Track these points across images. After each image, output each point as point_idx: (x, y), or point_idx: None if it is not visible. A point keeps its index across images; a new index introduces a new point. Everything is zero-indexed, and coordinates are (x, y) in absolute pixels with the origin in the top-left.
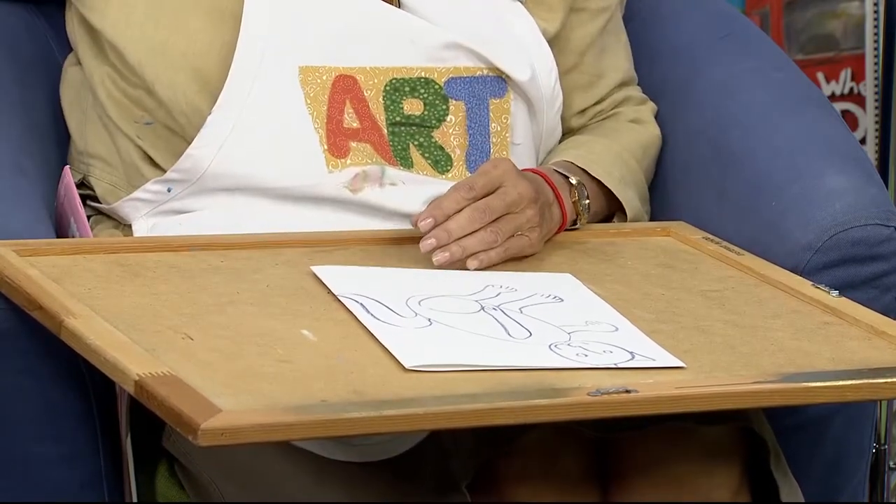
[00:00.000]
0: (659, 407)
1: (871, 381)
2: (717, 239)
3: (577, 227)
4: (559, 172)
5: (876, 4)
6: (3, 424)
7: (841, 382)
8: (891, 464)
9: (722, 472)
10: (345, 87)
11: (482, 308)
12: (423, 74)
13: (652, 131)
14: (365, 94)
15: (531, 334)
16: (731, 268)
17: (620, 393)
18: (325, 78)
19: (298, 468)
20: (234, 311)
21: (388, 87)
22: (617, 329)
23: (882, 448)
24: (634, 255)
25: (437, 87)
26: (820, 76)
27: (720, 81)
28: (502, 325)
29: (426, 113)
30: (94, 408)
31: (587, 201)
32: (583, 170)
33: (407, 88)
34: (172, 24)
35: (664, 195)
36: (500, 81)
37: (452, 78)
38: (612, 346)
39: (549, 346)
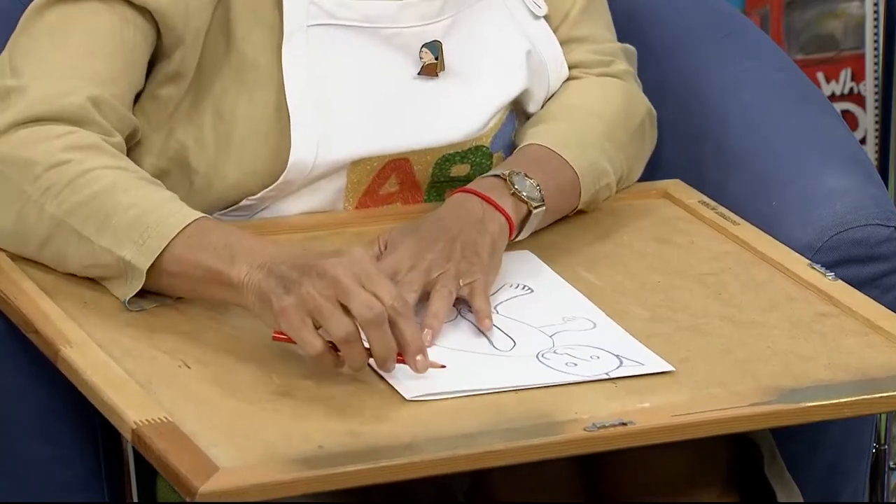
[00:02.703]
0: (655, 437)
1: (867, 396)
2: (713, 203)
3: (540, 208)
4: (489, 176)
5: (876, 4)
6: (3, 424)
7: (837, 400)
8: (891, 464)
9: (707, 475)
10: (395, 167)
11: (459, 313)
12: (473, 144)
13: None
14: (415, 168)
15: (515, 344)
16: (727, 241)
17: (616, 426)
18: (375, 165)
19: None
20: (230, 330)
21: (439, 160)
22: (595, 325)
23: (882, 448)
24: (631, 229)
25: (485, 149)
26: (820, 76)
27: (720, 81)
28: (485, 335)
29: (472, 172)
30: (95, 408)
31: (531, 181)
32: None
33: (458, 158)
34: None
35: None
36: (514, 113)
37: (496, 135)
38: (598, 349)
39: (537, 356)
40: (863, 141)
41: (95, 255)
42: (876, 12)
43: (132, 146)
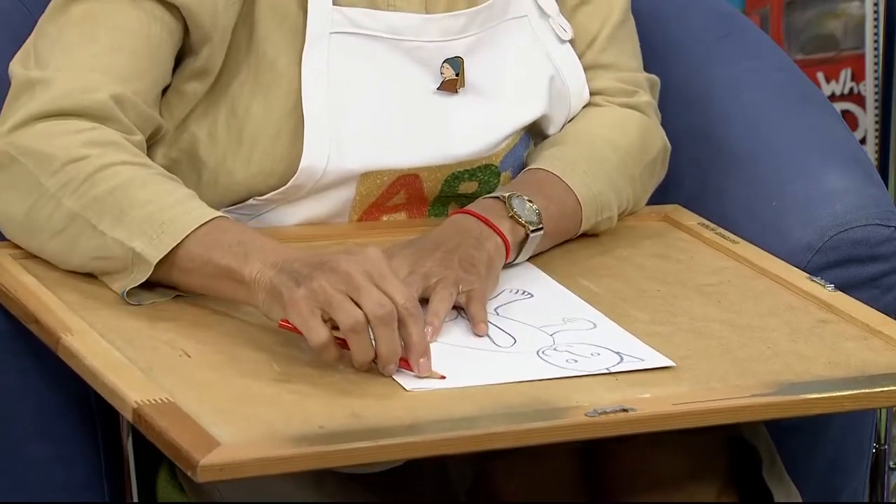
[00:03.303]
0: (656, 424)
1: (867, 390)
2: (712, 225)
3: (538, 232)
4: (489, 197)
5: (876, 4)
6: (4, 424)
7: (837, 393)
8: (891, 464)
9: (705, 477)
10: (405, 182)
11: (459, 314)
12: (484, 162)
13: (625, 112)
14: (424, 185)
15: (516, 341)
16: (726, 258)
17: (618, 412)
18: (385, 178)
19: (300, 474)
20: (230, 321)
21: (449, 178)
22: (595, 325)
23: (882, 448)
24: (630, 245)
25: (494, 168)
26: (820, 76)
27: (720, 81)
28: (486, 334)
29: (479, 189)
30: (95, 408)
31: (530, 205)
32: (547, 172)
33: (467, 176)
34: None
35: (664, 195)
36: (530, 134)
37: (506, 155)
38: (598, 346)
39: (537, 353)
40: (863, 141)
41: (106, 247)
42: (876, 12)
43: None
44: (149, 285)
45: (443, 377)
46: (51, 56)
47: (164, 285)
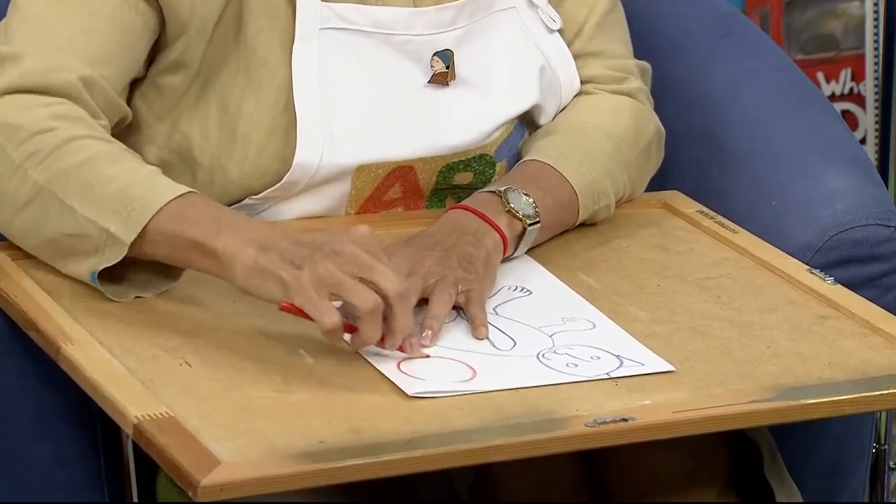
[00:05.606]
0: (655, 433)
1: (867, 394)
2: (711, 213)
3: (535, 226)
4: (485, 191)
5: (876, 4)
6: (4, 424)
7: (837, 398)
8: (891, 464)
9: (706, 477)
10: (399, 175)
11: (458, 314)
12: (478, 152)
13: (622, 100)
14: (419, 177)
15: (515, 343)
16: (726, 248)
17: (617, 422)
18: (380, 172)
19: None
20: (230, 327)
21: (443, 169)
22: (594, 325)
23: (882, 448)
24: (629, 235)
25: (489, 158)
26: (820, 76)
27: (720, 81)
28: (486, 337)
29: (475, 180)
30: (95, 408)
31: (527, 199)
32: (544, 164)
33: (461, 167)
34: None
35: None
36: (524, 124)
37: (500, 145)
38: (598, 349)
39: (537, 357)
40: (863, 141)
41: (78, 225)
42: (876, 12)
43: (134, 135)
44: (118, 265)
45: (427, 356)
46: (22, 33)
47: (135, 269)
